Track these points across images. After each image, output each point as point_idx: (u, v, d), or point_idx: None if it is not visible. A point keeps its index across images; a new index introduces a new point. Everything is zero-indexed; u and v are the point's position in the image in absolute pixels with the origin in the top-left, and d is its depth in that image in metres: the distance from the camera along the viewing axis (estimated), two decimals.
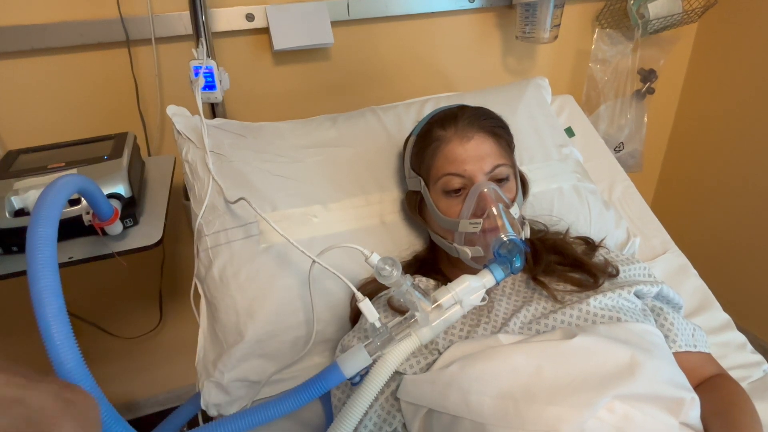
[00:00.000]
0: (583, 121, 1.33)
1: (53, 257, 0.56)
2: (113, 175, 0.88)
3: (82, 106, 1.21)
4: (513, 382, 0.60)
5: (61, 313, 0.53)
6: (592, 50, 1.58)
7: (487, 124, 0.81)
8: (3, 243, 0.83)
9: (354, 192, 0.98)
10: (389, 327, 0.65)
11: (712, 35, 1.70)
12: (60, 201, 0.60)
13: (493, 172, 0.79)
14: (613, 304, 0.73)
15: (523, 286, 0.79)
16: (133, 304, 1.47)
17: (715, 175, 1.81)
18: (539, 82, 1.25)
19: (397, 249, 0.94)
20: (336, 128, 1.06)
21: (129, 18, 1.14)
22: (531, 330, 0.70)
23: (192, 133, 0.97)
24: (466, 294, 0.65)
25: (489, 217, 0.75)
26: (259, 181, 0.93)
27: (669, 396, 0.61)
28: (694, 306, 1.04)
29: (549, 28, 1.36)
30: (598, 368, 0.61)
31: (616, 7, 1.54)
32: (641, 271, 0.83)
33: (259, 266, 0.86)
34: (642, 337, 0.67)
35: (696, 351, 0.77)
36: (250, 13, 1.22)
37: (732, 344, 0.98)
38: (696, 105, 1.82)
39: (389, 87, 1.43)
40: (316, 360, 0.89)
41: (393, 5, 1.32)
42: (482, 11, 1.44)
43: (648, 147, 1.75)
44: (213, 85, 1.02)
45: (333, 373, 0.63)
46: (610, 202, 1.19)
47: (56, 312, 0.53)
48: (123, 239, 0.88)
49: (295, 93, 1.36)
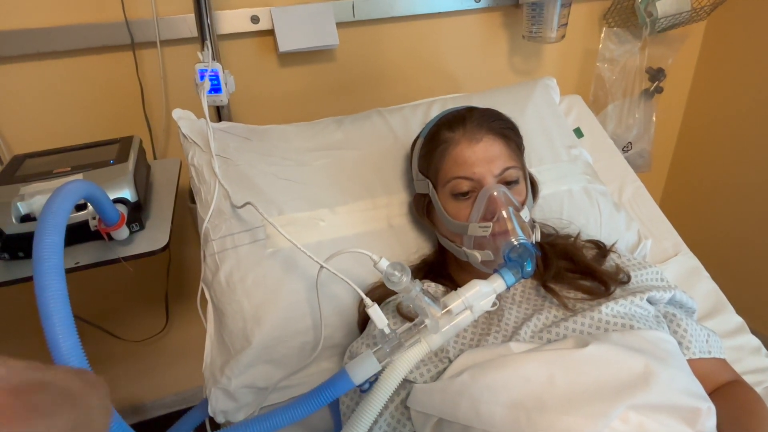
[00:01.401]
0: (591, 121, 1.32)
1: (59, 266, 0.55)
2: (119, 180, 0.88)
3: (88, 109, 1.21)
4: (525, 392, 0.59)
5: (68, 322, 0.53)
6: (600, 49, 1.57)
7: (496, 126, 0.80)
8: (9, 248, 0.83)
9: (361, 195, 0.97)
10: (398, 333, 0.64)
11: (721, 33, 1.68)
12: (66, 208, 0.60)
13: (503, 175, 0.78)
14: (626, 311, 0.71)
15: (533, 294, 0.77)
16: (140, 307, 1.47)
17: (725, 174, 1.78)
18: (547, 82, 1.23)
19: (405, 253, 0.93)
20: (342, 130, 1.05)
21: (134, 21, 1.14)
22: (542, 338, 0.69)
23: (198, 136, 0.96)
24: (476, 299, 0.64)
25: (499, 220, 0.73)
26: (265, 184, 0.93)
27: (685, 406, 0.60)
28: (707, 309, 1.02)
29: (556, 27, 1.35)
30: (612, 377, 0.60)
31: (623, 6, 1.52)
32: (654, 276, 0.82)
33: (266, 271, 0.85)
34: (656, 344, 0.66)
35: (710, 357, 0.76)
36: (255, 15, 1.21)
37: (746, 348, 0.97)
38: (705, 104, 1.80)
39: (395, 88, 1.42)
40: (323, 365, 0.88)
41: (398, 6, 1.31)
42: (488, 11, 1.43)
43: (656, 147, 1.73)
44: (219, 88, 1.02)
45: (342, 380, 0.62)
46: (621, 203, 1.17)
47: (63, 321, 0.53)
48: (129, 244, 0.87)
49: (300, 94, 1.35)
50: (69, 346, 0.51)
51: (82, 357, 0.51)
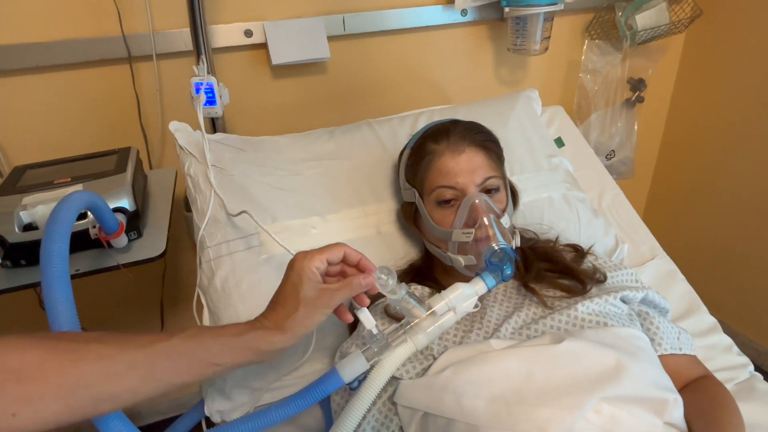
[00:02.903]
0: (573, 131, 1.37)
1: (65, 271, 0.59)
2: (118, 190, 0.91)
3: (85, 120, 1.24)
4: (505, 386, 0.63)
5: (74, 323, 0.57)
6: (583, 61, 1.62)
7: (477, 138, 0.85)
8: (12, 256, 0.85)
9: (351, 203, 1.01)
10: (386, 334, 0.67)
11: (699, 45, 1.75)
12: (71, 217, 0.63)
13: (484, 184, 0.82)
14: (600, 310, 0.76)
15: (514, 293, 0.82)
16: (135, 313, 1.49)
17: (704, 180, 1.84)
18: (529, 94, 1.28)
19: (393, 258, 0.97)
20: (333, 141, 1.09)
21: (131, 35, 1.18)
22: (522, 335, 0.73)
23: (194, 148, 1.00)
24: (459, 301, 0.68)
25: (481, 227, 0.78)
26: (260, 193, 0.96)
27: (653, 397, 0.64)
28: (682, 310, 1.07)
29: (539, 40, 1.40)
30: (586, 371, 0.64)
31: (604, 19, 1.58)
32: (628, 277, 0.87)
33: (261, 276, 0.89)
34: (628, 341, 0.71)
35: (681, 353, 0.80)
36: (248, 29, 1.25)
37: (719, 347, 1.01)
38: (685, 113, 1.86)
39: (385, 99, 1.47)
40: (315, 366, 0.91)
41: (387, 20, 1.36)
42: (474, 24, 1.48)
43: (639, 154, 1.79)
44: (213, 100, 1.05)
45: (332, 379, 0.66)
46: (600, 209, 1.22)
47: (69, 321, 0.56)
48: (128, 251, 0.90)
49: (292, 106, 1.39)
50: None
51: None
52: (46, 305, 0.57)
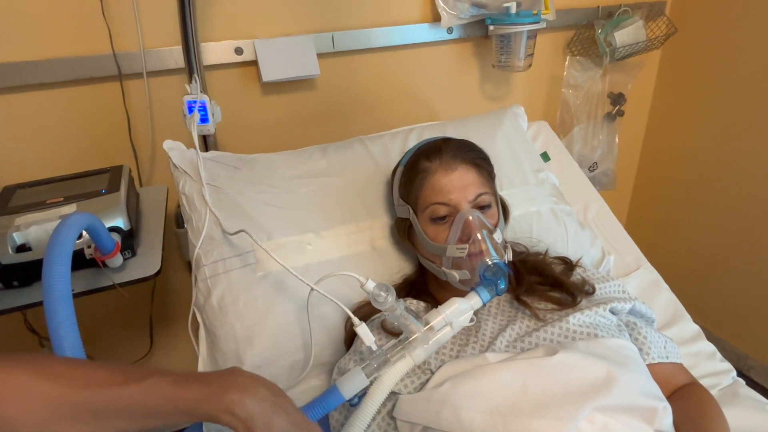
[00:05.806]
0: (557, 145, 1.41)
1: (68, 294, 0.59)
2: (112, 209, 0.91)
3: (75, 139, 1.23)
4: (501, 399, 0.65)
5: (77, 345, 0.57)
6: (565, 76, 1.67)
7: (469, 156, 0.87)
8: (5, 278, 0.85)
9: (345, 219, 1.02)
10: (384, 349, 0.69)
11: (675, 60, 1.82)
12: (72, 239, 0.64)
13: (477, 200, 0.84)
14: (591, 321, 0.78)
15: (507, 306, 0.84)
16: (124, 331, 1.48)
17: (683, 190, 1.91)
18: (515, 110, 1.32)
19: (388, 273, 0.99)
20: (326, 159, 1.11)
21: (121, 54, 1.18)
22: (516, 348, 0.75)
23: (188, 166, 1.01)
24: (455, 316, 0.70)
25: (474, 242, 0.80)
26: (255, 211, 0.97)
27: (643, 406, 0.66)
28: (667, 319, 1.10)
29: (523, 57, 1.45)
30: (578, 382, 0.66)
31: (585, 36, 1.64)
32: (616, 288, 0.89)
33: (257, 294, 0.90)
34: (617, 351, 0.73)
35: (668, 362, 0.83)
36: (239, 47, 1.26)
37: (702, 354, 1.05)
38: (663, 125, 1.93)
39: (373, 115, 1.49)
40: (313, 383, 0.92)
41: (375, 37, 1.39)
42: (460, 42, 1.52)
43: (620, 166, 1.85)
44: (206, 118, 1.06)
45: (333, 396, 0.67)
46: (586, 222, 1.25)
47: (73, 345, 0.57)
48: (122, 270, 0.90)
49: (283, 122, 1.41)
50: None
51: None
52: (49, 328, 0.57)
